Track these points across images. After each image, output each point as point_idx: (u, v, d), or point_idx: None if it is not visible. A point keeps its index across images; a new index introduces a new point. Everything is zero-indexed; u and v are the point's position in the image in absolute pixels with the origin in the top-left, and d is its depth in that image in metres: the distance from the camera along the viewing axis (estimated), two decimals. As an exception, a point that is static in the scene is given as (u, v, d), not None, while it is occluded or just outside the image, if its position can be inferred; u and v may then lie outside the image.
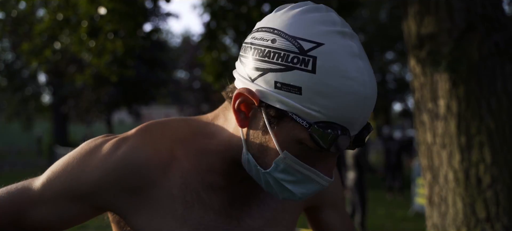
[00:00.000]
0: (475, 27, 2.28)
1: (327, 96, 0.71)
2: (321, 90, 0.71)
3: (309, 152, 0.77)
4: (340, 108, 0.72)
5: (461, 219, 2.28)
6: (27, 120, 23.56)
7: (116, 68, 4.43)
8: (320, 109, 0.72)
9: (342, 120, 0.73)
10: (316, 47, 0.72)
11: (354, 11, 4.74)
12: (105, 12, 3.43)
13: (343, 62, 0.72)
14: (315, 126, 0.72)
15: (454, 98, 2.31)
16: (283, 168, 0.78)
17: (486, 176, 2.22)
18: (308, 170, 0.78)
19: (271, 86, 0.75)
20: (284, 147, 0.77)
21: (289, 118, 0.74)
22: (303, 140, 0.75)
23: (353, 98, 0.72)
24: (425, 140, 2.50)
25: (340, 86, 0.71)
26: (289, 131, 0.76)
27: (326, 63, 0.71)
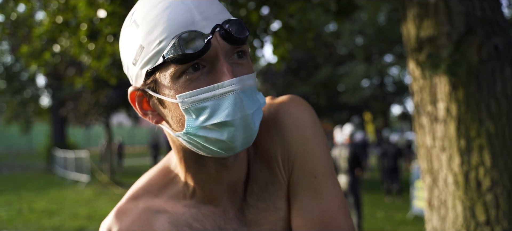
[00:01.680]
0: (475, 31, 2.28)
1: (156, 26, 0.76)
2: (149, 28, 0.76)
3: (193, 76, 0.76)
4: (170, 22, 0.75)
5: (460, 223, 2.28)
6: (26, 122, 23.50)
7: (115, 71, 4.43)
8: (159, 38, 0.75)
9: (181, 28, 0.74)
10: (132, 14, 0.82)
11: (353, 14, 4.74)
12: (105, 15, 3.43)
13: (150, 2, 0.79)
14: (166, 53, 0.75)
15: (454, 101, 2.31)
16: (191, 111, 0.77)
17: (486, 179, 2.22)
18: (207, 90, 0.76)
19: (134, 71, 0.82)
20: (174, 95, 0.77)
21: (154, 72, 0.78)
22: (175, 71, 0.76)
23: (173, 7, 0.76)
24: (425, 143, 2.50)
25: (156, 12, 0.76)
26: (164, 80, 0.78)
27: (140, 12, 0.79)
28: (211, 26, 0.76)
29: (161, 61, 0.75)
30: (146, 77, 0.80)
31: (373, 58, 25.57)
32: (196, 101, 0.76)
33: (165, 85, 0.78)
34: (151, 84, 0.80)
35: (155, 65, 0.77)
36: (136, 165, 22.15)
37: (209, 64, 0.77)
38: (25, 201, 10.93)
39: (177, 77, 0.76)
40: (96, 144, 31.54)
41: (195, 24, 0.75)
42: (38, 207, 10.13)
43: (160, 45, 0.75)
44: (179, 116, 0.79)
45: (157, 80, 0.79)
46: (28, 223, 8.32)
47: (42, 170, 19.83)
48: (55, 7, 4.02)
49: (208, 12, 0.77)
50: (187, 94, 0.76)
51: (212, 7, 0.78)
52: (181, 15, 0.75)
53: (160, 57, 0.76)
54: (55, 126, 21.42)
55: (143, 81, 0.81)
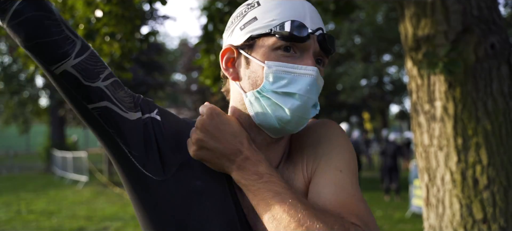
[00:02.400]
0: (471, 29, 2.29)
1: (275, 8, 0.95)
2: (268, 8, 0.96)
3: (285, 53, 0.94)
4: (288, 10, 0.95)
5: (458, 220, 2.29)
6: (24, 123, 23.47)
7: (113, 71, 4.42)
8: (273, 18, 0.94)
9: (290, 16, 0.94)
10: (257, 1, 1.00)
11: (351, 14, 4.74)
12: (102, 14, 3.42)
13: None
14: (274, 28, 0.94)
15: (451, 100, 2.31)
16: (272, 76, 0.93)
17: (483, 177, 2.23)
18: (291, 67, 0.93)
19: (238, 33, 1.00)
20: (263, 60, 0.95)
21: (258, 38, 0.96)
22: (274, 43, 0.94)
23: (294, 4, 0.96)
24: (422, 142, 2.50)
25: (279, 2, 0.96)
26: (262, 47, 0.95)
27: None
28: (315, 28, 0.95)
29: (267, 31, 0.94)
30: (247, 40, 0.97)
31: (372, 57, 25.60)
32: (279, 71, 0.93)
33: (260, 51, 0.96)
34: (247, 45, 0.98)
35: (261, 33, 0.95)
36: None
37: (299, 52, 0.95)
38: (23, 202, 10.92)
39: (272, 49, 0.94)
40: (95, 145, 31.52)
41: (305, 20, 0.94)
42: (37, 207, 10.12)
43: (273, 22, 0.94)
44: (257, 78, 0.96)
45: (254, 45, 0.97)
46: (27, 224, 8.32)
47: (41, 171, 19.81)
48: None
49: (316, 20, 0.97)
50: (275, 63, 0.93)
51: (320, 20, 0.99)
52: (297, 9, 0.95)
53: (267, 29, 0.94)
54: (54, 127, 21.40)
55: (241, 42, 0.98)
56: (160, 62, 19.80)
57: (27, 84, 23.05)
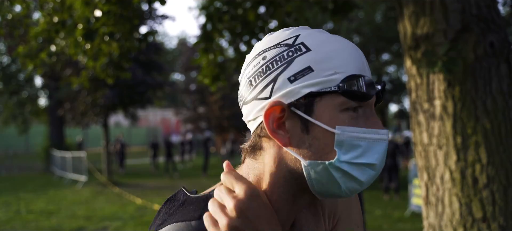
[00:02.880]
0: (470, 28, 2.29)
1: (333, 58, 0.79)
2: (324, 57, 0.79)
3: (353, 115, 0.80)
4: (350, 60, 0.80)
5: (457, 219, 2.29)
6: (23, 123, 23.43)
7: (112, 70, 4.42)
8: (335, 70, 0.79)
9: (354, 68, 0.80)
10: (297, 37, 0.83)
11: (350, 13, 4.74)
12: (101, 14, 3.42)
13: (324, 35, 0.84)
14: (342, 84, 0.78)
15: (450, 98, 2.31)
16: (345, 144, 0.79)
17: (482, 176, 2.23)
18: (366, 132, 0.80)
19: (287, 85, 0.80)
20: (333, 125, 0.79)
21: (319, 96, 0.79)
22: (343, 103, 0.79)
23: (351, 49, 0.82)
24: (422, 141, 2.50)
25: (335, 46, 0.81)
26: (326, 107, 0.79)
27: (313, 40, 0.82)
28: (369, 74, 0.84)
29: (332, 89, 0.78)
30: (304, 97, 0.79)
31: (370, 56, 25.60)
32: (354, 138, 0.79)
33: (324, 113, 0.79)
34: (305, 104, 0.80)
35: (323, 90, 0.78)
36: (135, 164, 22.12)
37: (364, 110, 0.82)
38: (23, 202, 10.91)
39: (341, 110, 0.79)
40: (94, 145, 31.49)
41: (365, 72, 0.82)
42: (36, 207, 10.11)
43: (334, 75, 0.78)
44: (325, 146, 0.79)
45: (315, 105, 0.79)
46: (26, 224, 8.31)
47: (40, 171, 19.79)
48: (51, 7, 4.01)
49: (367, 67, 0.85)
50: (349, 128, 0.78)
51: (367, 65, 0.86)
52: (358, 60, 0.82)
53: (331, 86, 0.78)
54: (53, 126, 21.38)
55: (295, 99, 0.79)
56: (159, 61, 19.77)
57: (26, 84, 23.02)
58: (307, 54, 0.80)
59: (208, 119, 30.76)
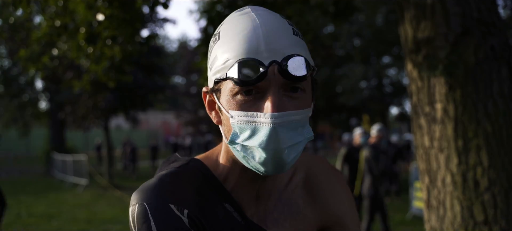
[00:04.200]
0: (471, 31, 2.30)
1: (229, 43, 0.85)
2: (225, 44, 0.86)
3: (246, 98, 0.84)
4: (239, 44, 0.84)
5: (459, 222, 2.29)
6: (24, 126, 23.43)
7: (113, 74, 4.43)
8: (229, 57, 0.84)
9: (246, 52, 0.83)
10: (219, 27, 0.92)
11: (351, 16, 4.75)
12: (103, 18, 3.43)
13: (234, 20, 0.89)
14: (228, 71, 0.83)
15: (451, 102, 2.32)
16: (236, 127, 0.86)
17: (484, 179, 2.23)
18: (251, 115, 0.83)
19: (208, 72, 0.93)
20: (229, 108, 0.86)
21: (220, 83, 0.88)
22: (232, 89, 0.85)
23: (245, 32, 0.84)
24: (423, 144, 2.51)
25: (233, 32, 0.86)
26: (224, 93, 0.87)
27: (225, 27, 0.90)
28: (273, 59, 0.82)
29: (224, 77, 0.85)
30: (214, 84, 0.89)
31: (371, 59, 25.62)
32: (241, 121, 0.85)
33: (224, 97, 0.87)
34: (216, 90, 0.90)
35: (220, 77, 0.86)
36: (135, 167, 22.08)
37: (261, 91, 0.84)
38: (23, 205, 10.92)
39: (233, 95, 0.85)
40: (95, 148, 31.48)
41: (258, 54, 0.82)
42: (37, 211, 10.12)
43: (227, 62, 0.85)
44: (229, 127, 0.88)
45: (220, 90, 0.88)
46: (27, 227, 8.31)
47: (41, 174, 19.80)
48: (53, 11, 4.03)
49: (274, 44, 0.83)
50: (236, 112, 0.85)
51: (281, 40, 0.84)
52: (249, 42, 0.83)
53: (224, 73, 0.85)
54: (54, 130, 21.38)
55: (212, 86, 0.91)
56: (160, 65, 19.79)
57: (27, 88, 23.04)
58: (217, 43, 0.89)
59: (209, 122, 30.75)
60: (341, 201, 1.12)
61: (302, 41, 0.89)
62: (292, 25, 0.89)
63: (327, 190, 1.11)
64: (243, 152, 0.86)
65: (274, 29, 0.85)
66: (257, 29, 0.84)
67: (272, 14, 0.89)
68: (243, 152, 0.86)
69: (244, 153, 0.86)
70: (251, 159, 0.85)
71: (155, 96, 19.46)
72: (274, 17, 0.88)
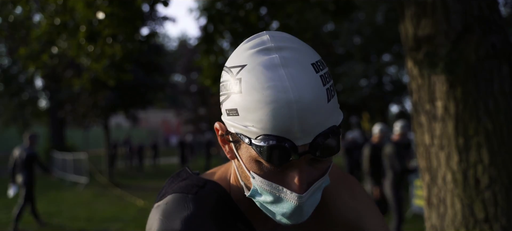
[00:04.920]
0: (472, 29, 2.29)
1: (255, 110, 0.75)
2: (249, 106, 0.75)
3: (272, 168, 0.79)
4: (269, 118, 0.74)
5: (459, 220, 2.29)
6: (24, 125, 23.44)
7: (114, 72, 4.43)
8: (254, 124, 0.75)
9: (276, 129, 0.74)
10: (241, 69, 0.78)
11: (351, 14, 4.75)
12: (103, 16, 3.43)
13: (261, 75, 0.76)
14: (254, 141, 0.76)
15: (452, 99, 2.32)
16: (257, 189, 0.82)
17: (484, 177, 2.23)
18: (274, 188, 0.80)
19: (225, 115, 0.83)
20: (251, 168, 0.82)
21: (241, 139, 0.80)
22: (256, 157, 0.79)
23: (277, 106, 0.73)
24: (423, 142, 2.51)
25: (261, 97, 0.74)
26: (245, 151, 0.81)
27: (249, 81, 0.76)
28: (306, 139, 0.75)
29: (247, 142, 0.78)
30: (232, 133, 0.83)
31: (371, 57, 25.60)
32: (264, 187, 0.81)
33: (245, 153, 0.82)
34: (234, 140, 0.83)
35: (241, 138, 0.79)
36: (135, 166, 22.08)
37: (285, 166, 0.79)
38: (24, 204, 10.91)
39: (256, 159, 0.80)
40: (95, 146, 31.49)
41: (290, 134, 0.74)
42: (37, 209, 10.12)
43: (253, 129, 0.76)
44: (248, 179, 0.84)
45: (239, 142, 0.82)
46: (27, 226, 8.31)
47: (41, 172, 19.79)
48: (52, 9, 4.02)
49: (309, 123, 0.74)
50: (259, 178, 0.81)
51: (316, 117, 0.75)
52: (282, 120, 0.73)
53: (247, 137, 0.78)
54: (53, 128, 21.39)
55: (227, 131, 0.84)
56: (160, 63, 19.80)
57: (27, 86, 23.04)
58: (238, 95, 0.78)
59: (209, 120, 30.77)
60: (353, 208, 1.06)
61: (334, 98, 0.81)
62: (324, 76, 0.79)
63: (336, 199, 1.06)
64: (261, 206, 0.85)
65: (310, 104, 0.74)
66: (291, 106, 0.73)
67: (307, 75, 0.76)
68: (262, 207, 0.85)
69: (262, 208, 0.85)
70: (271, 215, 0.84)
71: (155, 94, 19.46)
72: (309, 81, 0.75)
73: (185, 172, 1.02)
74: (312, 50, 0.83)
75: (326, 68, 0.81)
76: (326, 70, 0.81)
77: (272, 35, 0.82)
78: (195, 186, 0.95)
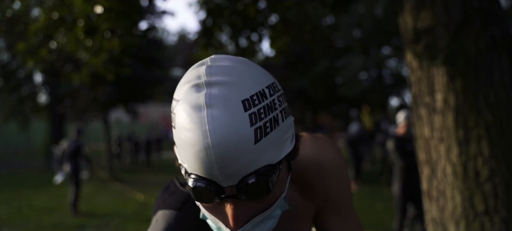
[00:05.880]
0: (472, 21, 2.28)
1: (183, 149, 0.74)
2: (179, 143, 0.76)
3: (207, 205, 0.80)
4: (192, 160, 0.73)
5: (459, 213, 2.29)
6: (24, 120, 23.42)
7: (112, 67, 4.41)
8: (182, 161, 0.77)
9: (201, 171, 0.73)
10: (177, 104, 0.77)
11: (350, 7, 4.73)
12: (102, 11, 3.41)
13: (186, 116, 0.73)
14: (186, 177, 0.77)
15: (451, 92, 2.31)
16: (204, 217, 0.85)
17: (484, 169, 2.23)
18: (214, 221, 0.81)
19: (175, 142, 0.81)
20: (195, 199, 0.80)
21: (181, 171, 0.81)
22: None
23: (197, 150, 0.71)
24: (423, 134, 2.50)
25: (185, 138, 0.73)
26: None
27: (178, 119, 0.75)
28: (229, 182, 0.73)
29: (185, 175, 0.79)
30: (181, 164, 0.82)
31: (371, 50, 25.56)
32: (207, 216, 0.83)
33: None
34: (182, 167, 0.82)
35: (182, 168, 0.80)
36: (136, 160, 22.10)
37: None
38: (24, 199, 10.93)
39: None
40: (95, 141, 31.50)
41: (212, 176, 0.73)
42: (38, 204, 10.13)
43: (185, 165, 0.77)
44: None
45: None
46: (27, 221, 8.33)
47: (41, 167, 19.82)
48: (50, 3, 4.00)
49: (228, 168, 0.72)
50: (203, 210, 0.83)
51: (237, 162, 0.72)
52: (202, 164, 0.72)
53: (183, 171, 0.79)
54: (53, 123, 21.38)
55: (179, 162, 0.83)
56: (159, 57, 19.76)
57: (26, 81, 23.00)
58: (174, 130, 0.78)
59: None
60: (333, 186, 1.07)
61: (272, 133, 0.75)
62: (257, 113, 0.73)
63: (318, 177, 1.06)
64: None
65: (228, 147, 0.70)
66: (208, 151, 0.70)
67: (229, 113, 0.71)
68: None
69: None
70: None
71: (154, 88, 19.44)
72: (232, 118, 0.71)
73: (173, 185, 1.08)
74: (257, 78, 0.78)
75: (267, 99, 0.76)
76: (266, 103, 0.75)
77: (211, 66, 0.77)
78: (180, 202, 1.01)
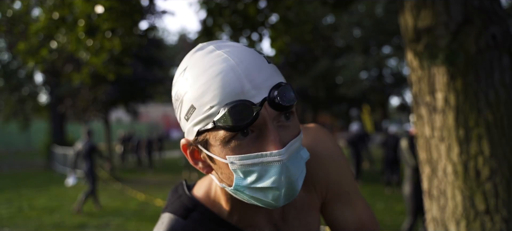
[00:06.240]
0: (472, 20, 2.28)
1: (207, 91, 0.78)
2: (200, 91, 0.79)
3: (241, 142, 0.80)
4: (220, 90, 0.77)
5: (460, 212, 2.29)
6: (24, 120, 23.43)
7: (113, 66, 4.41)
8: (210, 105, 0.78)
9: (230, 96, 0.77)
10: (184, 71, 0.84)
11: (351, 6, 4.72)
12: (102, 10, 3.41)
13: (201, 62, 0.82)
14: (216, 118, 0.78)
15: (452, 91, 2.31)
16: (239, 172, 0.82)
17: (485, 169, 2.23)
18: (255, 156, 0.80)
19: (185, 124, 0.85)
20: (226, 155, 0.81)
21: (206, 133, 0.82)
22: (224, 136, 0.80)
23: (223, 75, 0.78)
24: (423, 133, 2.50)
25: (207, 77, 0.79)
26: (215, 141, 0.82)
27: (193, 73, 0.82)
28: (261, 95, 0.78)
29: (211, 126, 0.79)
30: (197, 134, 0.84)
31: (371, 50, 25.56)
32: (245, 165, 0.80)
33: (215, 146, 0.82)
34: (202, 141, 0.84)
35: (206, 128, 0.80)
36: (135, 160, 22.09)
37: (257, 130, 0.80)
38: (25, 199, 10.94)
39: (226, 141, 0.80)
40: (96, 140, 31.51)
41: (244, 94, 0.77)
42: (39, 204, 10.14)
43: (211, 110, 0.78)
44: (228, 174, 0.84)
45: (208, 140, 0.83)
46: (28, 221, 8.34)
47: (42, 167, 19.83)
48: (51, 3, 4.00)
49: (258, 80, 0.79)
50: (237, 157, 0.80)
51: (262, 73, 0.80)
52: (231, 84, 0.77)
53: (210, 121, 0.79)
54: (54, 123, 21.38)
55: (194, 137, 0.85)
56: (159, 57, 19.77)
57: (27, 81, 23.01)
58: (188, 90, 0.81)
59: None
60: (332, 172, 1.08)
61: (275, 66, 0.86)
62: (261, 53, 0.85)
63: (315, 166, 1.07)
64: (251, 193, 0.83)
65: (251, 63, 0.80)
66: (235, 68, 0.78)
67: (241, 48, 0.83)
68: (252, 193, 0.83)
69: (252, 194, 0.83)
70: (263, 198, 0.83)
71: (155, 88, 19.44)
72: (244, 50, 0.83)
73: (181, 187, 1.07)
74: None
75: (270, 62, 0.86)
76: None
77: (213, 42, 0.87)
78: (186, 209, 1.00)
